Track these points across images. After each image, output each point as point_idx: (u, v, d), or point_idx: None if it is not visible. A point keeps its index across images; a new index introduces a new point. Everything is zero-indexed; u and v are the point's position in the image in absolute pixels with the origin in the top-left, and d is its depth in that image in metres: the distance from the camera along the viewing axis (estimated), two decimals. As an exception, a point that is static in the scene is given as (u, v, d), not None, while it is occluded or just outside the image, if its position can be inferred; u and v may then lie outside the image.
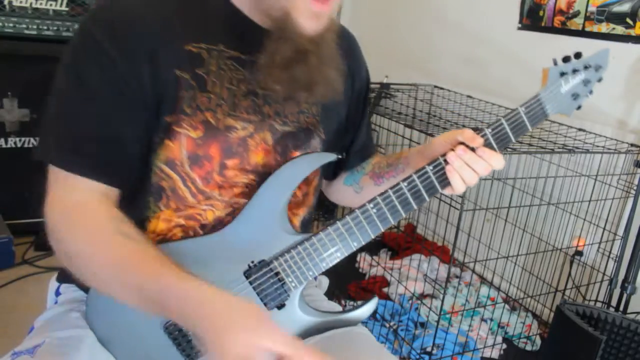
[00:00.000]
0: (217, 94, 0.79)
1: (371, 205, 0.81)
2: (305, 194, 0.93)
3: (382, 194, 0.82)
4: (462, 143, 0.83)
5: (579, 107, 0.92)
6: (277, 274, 0.80)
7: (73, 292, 0.92)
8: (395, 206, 0.82)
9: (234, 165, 0.82)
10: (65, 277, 0.94)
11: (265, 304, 0.80)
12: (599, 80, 0.92)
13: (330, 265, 0.82)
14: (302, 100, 0.87)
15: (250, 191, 0.84)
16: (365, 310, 0.88)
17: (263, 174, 0.84)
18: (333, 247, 0.81)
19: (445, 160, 0.83)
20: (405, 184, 0.82)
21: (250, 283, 0.80)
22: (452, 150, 0.83)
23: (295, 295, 0.82)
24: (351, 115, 1.00)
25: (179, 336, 0.78)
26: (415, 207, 0.83)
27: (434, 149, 0.87)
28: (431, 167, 0.83)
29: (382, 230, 0.82)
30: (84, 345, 0.79)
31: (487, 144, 0.84)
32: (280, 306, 0.81)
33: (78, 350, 0.77)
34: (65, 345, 0.78)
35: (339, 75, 0.84)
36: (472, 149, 0.82)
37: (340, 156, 0.94)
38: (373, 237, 0.83)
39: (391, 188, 0.82)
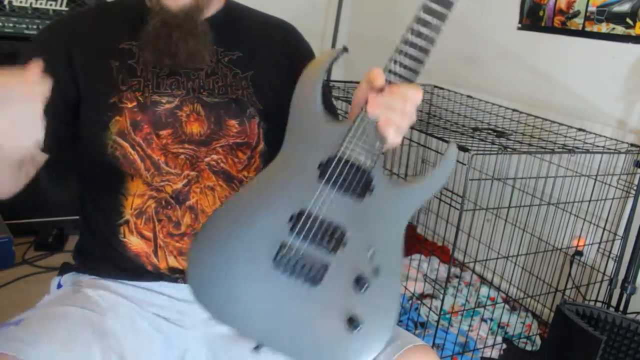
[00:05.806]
0: (144, 77, 0.94)
1: None
2: (250, 157, 0.97)
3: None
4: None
5: None
6: (347, 161, 0.77)
7: (73, 276, 0.98)
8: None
9: (167, 134, 0.92)
10: (65, 268, 1.00)
11: (351, 197, 0.77)
12: None
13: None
14: (167, 67, 0.95)
15: (195, 161, 0.93)
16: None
17: (200, 142, 0.93)
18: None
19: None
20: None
21: (328, 182, 0.77)
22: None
23: (378, 174, 0.78)
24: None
25: (291, 266, 0.75)
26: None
27: (357, 103, 0.83)
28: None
29: None
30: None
31: (398, 75, 0.79)
32: (371, 190, 0.78)
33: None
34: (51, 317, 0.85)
35: (206, 49, 0.94)
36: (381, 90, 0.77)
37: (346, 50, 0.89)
38: None
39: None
